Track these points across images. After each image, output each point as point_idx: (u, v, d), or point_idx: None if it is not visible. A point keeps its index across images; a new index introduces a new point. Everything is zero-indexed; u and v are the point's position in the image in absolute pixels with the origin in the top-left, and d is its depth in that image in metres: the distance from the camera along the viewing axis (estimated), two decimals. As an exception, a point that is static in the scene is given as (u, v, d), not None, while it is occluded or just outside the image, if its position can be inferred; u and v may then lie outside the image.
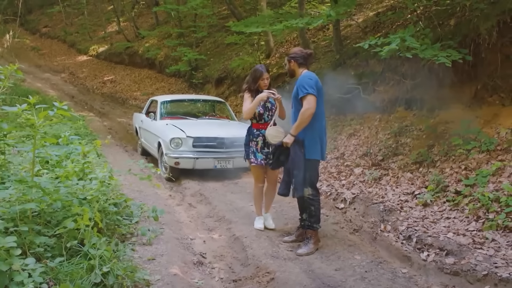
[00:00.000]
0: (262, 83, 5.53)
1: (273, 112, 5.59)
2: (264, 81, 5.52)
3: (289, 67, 5.27)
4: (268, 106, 5.60)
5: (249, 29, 9.90)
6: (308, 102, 4.93)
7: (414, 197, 6.25)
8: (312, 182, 5.12)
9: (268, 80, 5.58)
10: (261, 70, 5.54)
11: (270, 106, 5.61)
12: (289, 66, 5.27)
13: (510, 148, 6.02)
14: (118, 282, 3.80)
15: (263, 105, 5.56)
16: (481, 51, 6.91)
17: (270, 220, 5.78)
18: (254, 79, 5.56)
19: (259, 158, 5.53)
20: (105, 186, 5.09)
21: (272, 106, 5.60)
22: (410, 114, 8.32)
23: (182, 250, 4.77)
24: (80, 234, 4.18)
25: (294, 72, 5.26)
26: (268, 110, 5.59)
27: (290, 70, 5.30)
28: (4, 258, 3.40)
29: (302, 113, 4.94)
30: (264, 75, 5.52)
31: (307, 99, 4.94)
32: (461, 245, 4.77)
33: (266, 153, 5.53)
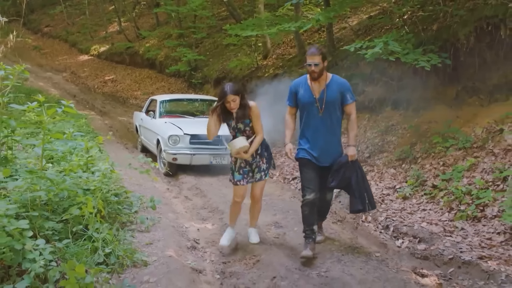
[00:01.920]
0: (228, 106, 4.71)
1: (248, 132, 4.88)
2: (230, 104, 4.67)
3: (323, 66, 4.68)
4: (241, 128, 4.88)
5: (245, 32, 10.34)
6: (355, 109, 4.77)
7: (395, 191, 6.71)
8: None
9: (235, 102, 4.66)
10: (224, 90, 4.67)
11: (242, 127, 4.88)
12: (323, 65, 4.68)
13: (485, 146, 6.46)
14: (118, 262, 4.24)
15: (234, 127, 4.91)
16: (460, 55, 7.36)
17: (254, 235, 5.25)
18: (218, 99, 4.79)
19: (236, 179, 5.01)
20: (107, 178, 5.52)
21: (246, 127, 4.87)
22: (397, 113, 8.77)
23: (177, 237, 5.21)
24: (85, 220, 4.62)
25: (323, 72, 4.73)
26: (241, 132, 4.90)
27: (322, 70, 4.68)
28: (17, 239, 3.82)
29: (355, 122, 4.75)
30: (228, 97, 4.62)
31: (354, 106, 4.77)
32: (432, 233, 5.22)
33: (247, 171, 5.00)
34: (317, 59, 4.61)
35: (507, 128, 6.38)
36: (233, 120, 4.84)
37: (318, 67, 4.62)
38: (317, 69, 4.63)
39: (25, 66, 6.15)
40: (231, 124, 4.89)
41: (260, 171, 5.01)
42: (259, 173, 5.01)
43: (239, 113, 4.77)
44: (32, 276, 3.64)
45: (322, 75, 4.71)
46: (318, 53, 4.64)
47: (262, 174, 5.03)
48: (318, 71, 4.64)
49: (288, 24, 8.91)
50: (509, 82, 6.87)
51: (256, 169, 4.99)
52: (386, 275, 4.27)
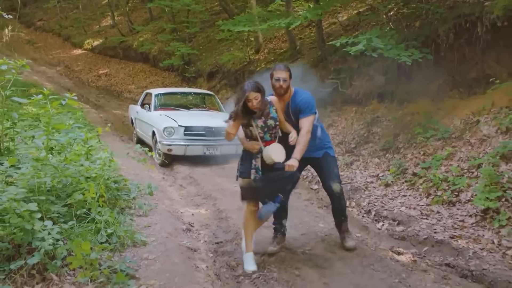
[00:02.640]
0: (250, 105, 4.29)
1: (276, 130, 4.49)
2: (252, 103, 4.26)
3: (289, 83, 4.64)
4: (272, 124, 4.42)
5: (237, 28, 10.70)
6: (310, 123, 4.56)
7: (378, 178, 7.12)
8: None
9: (258, 100, 4.26)
10: (245, 89, 4.28)
11: (273, 123, 4.43)
12: (289, 82, 4.64)
13: (462, 136, 6.87)
14: (120, 242, 4.62)
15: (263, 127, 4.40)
16: (441, 51, 7.75)
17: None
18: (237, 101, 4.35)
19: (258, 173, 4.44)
20: (107, 166, 5.88)
21: (276, 122, 4.45)
22: (382, 106, 9.17)
23: (173, 220, 5.58)
24: (87, 205, 4.99)
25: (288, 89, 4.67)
26: (270, 129, 4.43)
27: (288, 87, 4.63)
28: (27, 220, 4.18)
29: (305, 137, 4.46)
30: (250, 95, 4.23)
31: (310, 120, 4.58)
32: (410, 216, 5.64)
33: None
34: (285, 74, 4.57)
35: (483, 120, 6.79)
36: (259, 119, 4.40)
37: (286, 83, 4.57)
38: (285, 85, 4.57)
39: (26, 60, 6.51)
40: (258, 124, 4.39)
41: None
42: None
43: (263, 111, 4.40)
44: (42, 253, 4.00)
45: (287, 92, 4.65)
46: (286, 69, 4.62)
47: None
48: (285, 87, 4.58)
49: (279, 21, 9.28)
50: (486, 76, 7.27)
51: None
52: (364, 252, 4.68)
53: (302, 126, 4.53)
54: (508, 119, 6.32)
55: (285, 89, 4.59)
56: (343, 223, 4.98)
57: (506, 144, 5.92)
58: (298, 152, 4.38)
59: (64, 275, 4.03)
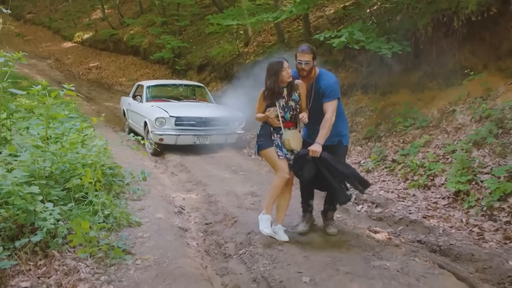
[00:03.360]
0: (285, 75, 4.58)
1: (297, 112, 4.74)
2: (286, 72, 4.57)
3: (313, 66, 4.68)
4: (292, 106, 4.71)
5: (226, 22, 11.03)
6: (334, 108, 4.57)
7: (360, 165, 7.49)
8: None
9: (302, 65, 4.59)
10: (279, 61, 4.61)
11: (294, 105, 4.71)
12: (313, 65, 4.68)
13: (439, 125, 7.26)
14: (116, 222, 4.95)
15: (284, 106, 4.70)
16: (420, 44, 8.13)
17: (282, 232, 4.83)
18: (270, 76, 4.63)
19: (285, 153, 4.72)
20: (102, 154, 6.20)
21: (296, 104, 4.72)
22: (366, 97, 9.54)
23: (165, 204, 5.93)
24: (84, 189, 5.31)
25: (312, 71, 4.70)
26: (291, 110, 4.71)
27: (311, 69, 4.67)
28: (30, 202, 4.51)
29: (329, 121, 4.49)
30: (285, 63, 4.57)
31: (334, 105, 4.58)
32: (388, 199, 6.03)
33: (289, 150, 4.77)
34: (308, 57, 4.60)
35: (459, 109, 7.18)
36: (282, 99, 4.70)
37: (308, 66, 4.61)
38: (307, 68, 4.62)
39: (22, 53, 6.80)
40: (280, 103, 4.69)
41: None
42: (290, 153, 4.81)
43: (288, 89, 4.69)
44: (44, 232, 4.33)
45: (311, 73, 4.68)
46: (309, 51, 4.63)
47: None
48: (308, 69, 4.63)
49: (266, 15, 9.60)
50: (463, 67, 7.65)
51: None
52: (343, 231, 5.05)
53: (326, 110, 4.54)
54: (481, 108, 6.70)
55: (307, 71, 4.63)
56: (330, 211, 5.14)
57: (478, 131, 6.32)
58: (321, 137, 4.46)
59: (65, 251, 4.34)
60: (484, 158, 5.89)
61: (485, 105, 6.65)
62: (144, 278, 3.82)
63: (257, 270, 4.14)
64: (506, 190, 5.16)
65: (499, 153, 5.83)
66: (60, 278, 3.92)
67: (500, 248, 4.50)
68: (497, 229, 4.85)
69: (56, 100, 10.73)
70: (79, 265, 4.11)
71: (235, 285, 3.96)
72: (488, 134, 6.13)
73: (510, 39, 7.09)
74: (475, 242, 4.66)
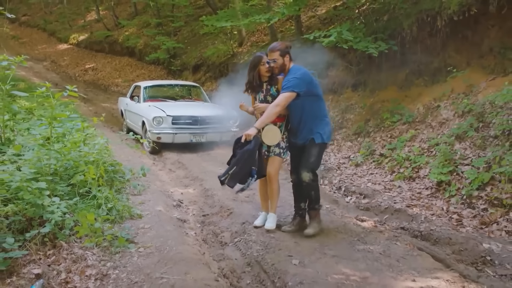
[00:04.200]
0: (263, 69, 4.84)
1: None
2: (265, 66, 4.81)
3: (283, 62, 4.77)
4: (269, 100, 4.91)
5: (220, 23, 11.35)
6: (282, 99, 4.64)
7: (349, 159, 7.84)
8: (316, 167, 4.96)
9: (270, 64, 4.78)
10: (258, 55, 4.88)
11: (271, 100, 4.90)
12: (283, 61, 4.77)
13: (424, 120, 7.61)
14: (119, 215, 5.27)
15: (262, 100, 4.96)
16: (406, 43, 8.48)
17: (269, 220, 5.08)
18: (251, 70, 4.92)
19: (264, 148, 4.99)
20: (104, 151, 6.52)
21: (273, 100, 4.83)
22: (356, 94, 9.89)
23: (164, 198, 6.26)
24: (88, 184, 5.63)
25: (285, 67, 4.82)
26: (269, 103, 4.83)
27: (282, 65, 4.78)
28: (38, 196, 4.82)
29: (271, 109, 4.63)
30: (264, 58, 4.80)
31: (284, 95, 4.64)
32: (375, 190, 6.37)
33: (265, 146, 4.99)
34: (275, 55, 4.74)
35: (443, 105, 7.53)
36: (262, 92, 4.95)
37: (276, 63, 4.75)
38: (276, 65, 4.76)
39: (24, 56, 7.11)
40: (259, 97, 4.97)
41: (278, 147, 4.97)
42: (277, 148, 4.97)
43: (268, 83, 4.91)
44: (53, 224, 4.65)
45: (284, 70, 4.81)
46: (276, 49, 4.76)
47: (281, 150, 4.98)
48: (277, 67, 4.77)
49: (259, 16, 9.93)
50: (447, 65, 8.01)
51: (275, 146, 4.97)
52: (331, 219, 5.40)
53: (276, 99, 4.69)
54: (463, 103, 7.06)
55: (278, 68, 4.78)
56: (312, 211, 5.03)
57: (460, 125, 6.67)
58: (258, 122, 4.63)
59: (72, 242, 4.66)
60: (465, 151, 6.23)
61: (467, 101, 7.01)
62: (147, 263, 4.15)
63: (251, 255, 4.49)
64: (484, 180, 5.50)
65: (479, 145, 6.18)
66: (69, 265, 4.25)
67: (476, 232, 4.86)
68: (475, 215, 5.21)
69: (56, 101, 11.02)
70: (86, 254, 4.44)
71: (231, 269, 4.30)
72: (469, 128, 6.48)
73: (491, 38, 7.46)
74: (454, 227, 5.01)
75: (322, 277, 3.86)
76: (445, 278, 3.84)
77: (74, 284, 3.99)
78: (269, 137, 4.86)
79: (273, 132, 4.88)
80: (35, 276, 4.13)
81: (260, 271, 4.21)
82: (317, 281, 3.79)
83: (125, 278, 3.95)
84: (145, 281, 3.84)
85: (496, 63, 7.33)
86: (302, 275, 3.90)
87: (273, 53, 4.76)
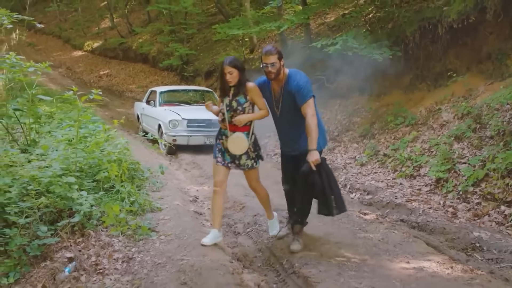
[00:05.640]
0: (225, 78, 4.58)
1: (237, 114, 4.64)
2: (226, 76, 4.54)
3: (280, 66, 4.47)
4: (234, 106, 4.65)
5: (232, 31, 11.85)
6: (313, 108, 4.37)
7: (355, 160, 8.28)
8: None
9: (232, 75, 4.52)
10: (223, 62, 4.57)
11: (235, 106, 4.65)
12: (280, 65, 4.47)
13: (426, 122, 8.03)
14: (140, 207, 5.75)
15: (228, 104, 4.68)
16: (409, 49, 8.91)
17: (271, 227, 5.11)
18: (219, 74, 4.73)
19: (227, 160, 4.81)
20: (124, 151, 7.01)
21: (239, 106, 4.64)
22: (362, 99, 10.32)
23: (181, 194, 6.73)
24: (111, 181, 6.11)
25: (281, 71, 4.50)
26: (232, 110, 4.66)
27: (279, 69, 4.46)
28: (68, 190, 5.31)
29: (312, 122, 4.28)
30: (225, 68, 4.52)
31: (311, 104, 4.37)
32: (378, 187, 6.81)
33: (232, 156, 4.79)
34: (273, 59, 4.41)
35: (444, 108, 7.95)
36: (228, 97, 4.69)
37: (274, 67, 4.43)
38: (274, 70, 4.44)
39: (48, 63, 7.64)
40: (225, 101, 4.69)
41: (249, 158, 4.83)
42: (249, 160, 4.83)
43: (235, 90, 4.62)
44: (81, 214, 5.12)
45: (279, 74, 4.50)
46: (274, 52, 4.45)
47: (253, 161, 4.86)
48: (275, 71, 4.45)
49: (270, 24, 10.42)
50: (448, 70, 8.46)
51: (244, 156, 4.78)
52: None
53: (305, 112, 4.33)
54: (462, 106, 7.47)
55: (275, 73, 4.44)
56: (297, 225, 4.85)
57: (459, 127, 7.09)
58: (312, 142, 4.24)
59: (99, 231, 5.13)
60: (463, 150, 6.65)
61: (466, 104, 7.42)
62: (168, 248, 4.63)
63: (261, 243, 4.97)
64: (479, 176, 5.92)
65: (476, 145, 6.59)
66: (97, 250, 4.73)
67: (469, 223, 5.30)
68: (469, 209, 5.63)
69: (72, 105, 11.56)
70: (113, 241, 4.92)
71: (244, 254, 4.77)
72: (467, 129, 6.90)
73: (489, 44, 7.88)
74: (448, 219, 5.45)
75: (326, 259, 4.31)
76: (436, 260, 4.27)
77: (103, 266, 4.47)
78: (236, 146, 4.65)
79: (240, 141, 4.64)
80: (68, 260, 4.62)
81: (270, 255, 4.68)
82: (321, 262, 4.24)
83: (149, 261, 4.42)
84: (167, 262, 4.31)
85: (494, 68, 7.75)
86: (307, 257, 4.36)
87: (271, 57, 4.42)
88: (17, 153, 6.54)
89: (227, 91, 4.68)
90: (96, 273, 4.35)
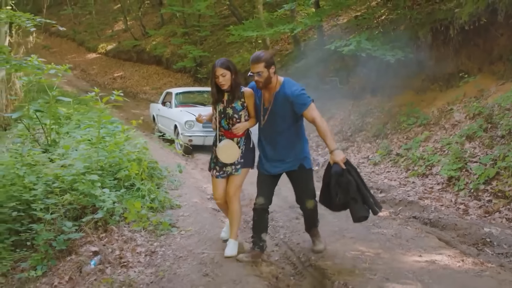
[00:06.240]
0: (217, 81, 4.30)
1: (234, 122, 4.42)
2: (219, 79, 4.27)
3: (269, 74, 4.17)
4: (229, 113, 4.40)
5: (246, 33, 12.06)
6: (315, 110, 4.14)
7: (368, 159, 8.43)
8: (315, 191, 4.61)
9: (225, 77, 4.26)
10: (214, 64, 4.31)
11: (231, 113, 4.40)
12: (269, 73, 4.17)
13: (438, 122, 8.15)
14: (160, 204, 5.95)
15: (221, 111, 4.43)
16: (421, 50, 9.05)
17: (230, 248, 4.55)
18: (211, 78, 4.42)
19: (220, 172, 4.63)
20: (144, 150, 7.23)
21: (235, 114, 4.39)
22: (375, 99, 10.46)
23: (199, 192, 6.93)
24: (132, 179, 6.33)
25: (271, 80, 4.22)
26: (228, 117, 4.42)
27: (268, 78, 4.18)
28: (91, 187, 5.53)
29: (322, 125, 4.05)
30: (217, 70, 4.26)
31: (314, 108, 4.14)
32: (391, 186, 6.96)
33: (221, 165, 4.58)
34: (259, 67, 4.14)
35: (456, 108, 8.07)
36: (222, 103, 4.43)
37: (261, 77, 4.17)
38: (261, 79, 4.18)
39: (68, 65, 7.88)
40: (218, 108, 4.44)
41: (234, 164, 4.55)
42: (230, 166, 4.56)
43: (230, 96, 4.38)
44: (104, 210, 5.34)
45: (269, 83, 4.24)
46: (261, 60, 4.15)
47: (237, 168, 4.56)
48: (262, 80, 4.19)
49: (283, 26, 10.62)
50: (460, 71, 8.58)
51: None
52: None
53: (313, 117, 4.10)
54: (474, 107, 7.59)
55: (262, 82, 4.19)
56: (313, 228, 4.76)
57: (471, 127, 7.21)
58: (331, 142, 4.06)
59: (121, 226, 5.35)
60: (474, 149, 6.78)
61: (477, 104, 7.54)
62: (189, 242, 4.83)
63: (278, 238, 5.15)
64: (490, 175, 6.05)
65: (487, 144, 6.72)
66: (121, 245, 4.94)
67: (480, 219, 5.43)
68: (480, 206, 5.77)
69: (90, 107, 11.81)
70: (135, 235, 5.13)
71: (261, 248, 4.93)
72: (478, 129, 7.02)
73: (500, 45, 8.00)
74: (460, 216, 5.59)
75: (341, 253, 4.48)
76: (448, 254, 4.44)
77: (127, 259, 4.68)
78: (228, 154, 4.43)
79: (232, 149, 4.45)
80: (93, 253, 4.84)
81: (287, 249, 4.86)
82: (336, 255, 4.42)
83: (171, 254, 4.63)
84: (188, 256, 4.51)
85: (505, 69, 7.86)
86: (323, 251, 4.53)
87: (256, 65, 4.14)
88: (39, 152, 6.80)
89: (221, 97, 4.42)
90: (121, 266, 4.56)
